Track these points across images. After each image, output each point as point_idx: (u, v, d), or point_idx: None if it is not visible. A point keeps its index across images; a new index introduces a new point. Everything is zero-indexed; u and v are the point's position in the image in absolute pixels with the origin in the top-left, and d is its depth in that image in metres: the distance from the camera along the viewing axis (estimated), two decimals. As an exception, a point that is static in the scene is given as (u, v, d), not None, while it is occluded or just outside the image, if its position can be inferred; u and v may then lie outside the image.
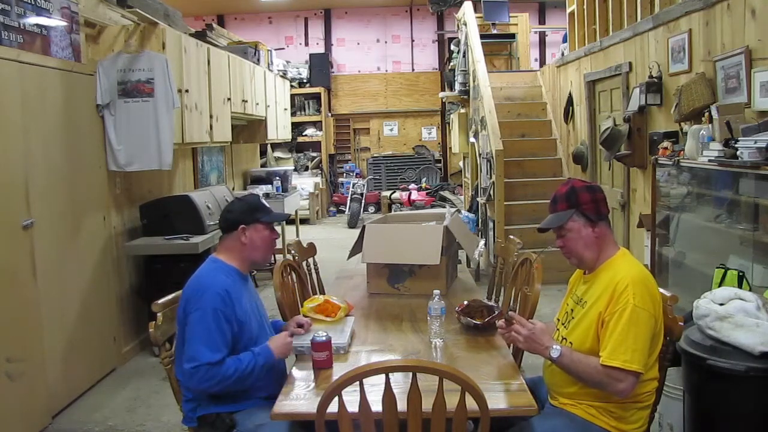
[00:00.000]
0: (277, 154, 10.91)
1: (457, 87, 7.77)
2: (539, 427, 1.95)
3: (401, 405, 1.65)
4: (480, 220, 6.71)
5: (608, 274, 2.03)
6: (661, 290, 2.07)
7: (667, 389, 2.54)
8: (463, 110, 8.13)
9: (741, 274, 2.69)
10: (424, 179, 11.23)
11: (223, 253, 2.33)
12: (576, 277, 2.25)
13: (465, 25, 7.47)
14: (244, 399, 2.20)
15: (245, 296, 2.28)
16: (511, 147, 6.68)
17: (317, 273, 3.45)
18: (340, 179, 11.90)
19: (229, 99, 5.69)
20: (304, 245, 3.44)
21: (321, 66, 11.47)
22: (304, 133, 11.41)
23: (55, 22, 3.61)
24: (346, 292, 3.12)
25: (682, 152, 3.68)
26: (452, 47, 8.67)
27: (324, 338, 2.13)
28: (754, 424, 2.04)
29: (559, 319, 2.23)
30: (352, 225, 9.93)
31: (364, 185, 10.51)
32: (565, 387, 2.04)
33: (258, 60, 6.96)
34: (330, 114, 11.88)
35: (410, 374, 1.64)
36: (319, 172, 11.38)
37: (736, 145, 3.00)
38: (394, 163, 11.84)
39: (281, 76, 8.45)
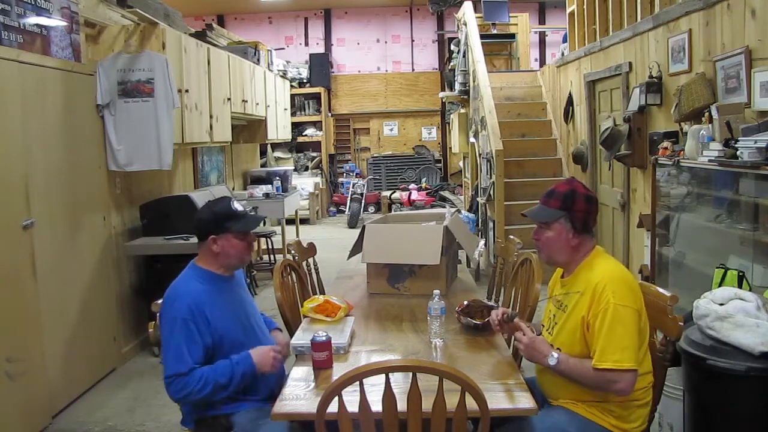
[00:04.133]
0: (277, 154, 10.90)
1: (457, 87, 7.77)
2: (539, 424, 1.95)
3: (401, 405, 1.65)
4: (480, 220, 6.71)
5: (585, 276, 2.04)
6: (661, 290, 2.08)
7: (667, 389, 2.54)
8: (463, 110, 8.13)
9: (741, 274, 2.69)
10: (424, 179, 11.22)
11: (201, 259, 2.29)
12: (554, 279, 2.27)
13: (465, 25, 7.47)
14: (242, 401, 2.20)
15: (225, 301, 2.23)
16: (511, 147, 6.68)
17: (317, 273, 3.44)
18: (340, 179, 11.90)
19: (229, 99, 5.69)
20: (304, 245, 3.44)
21: (321, 66, 11.47)
22: (304, 133, 11.41)
23: (55, 22, 3.61)
24: (346, 292, 3.11)
25: (682, 152, 3.68)
26: (452, 47, 8.66)
27: (324, 338, 2.13)
28: (753, 423, 2.04)
29: (543, 325, 2.23)
30: (352, 225, 9.93)
31: (364, 185, 10.51)
32: (562, 390, 2.05)
33: (258, 60, 6.96)
34: (330, 114, 11.88)
35: (410, 374, 1.64)
36: (319, 172, 11.37)
37: (736, 145, 3.00)
38: (394, 163, 11.83)
39: (281, 76, 8.45)
